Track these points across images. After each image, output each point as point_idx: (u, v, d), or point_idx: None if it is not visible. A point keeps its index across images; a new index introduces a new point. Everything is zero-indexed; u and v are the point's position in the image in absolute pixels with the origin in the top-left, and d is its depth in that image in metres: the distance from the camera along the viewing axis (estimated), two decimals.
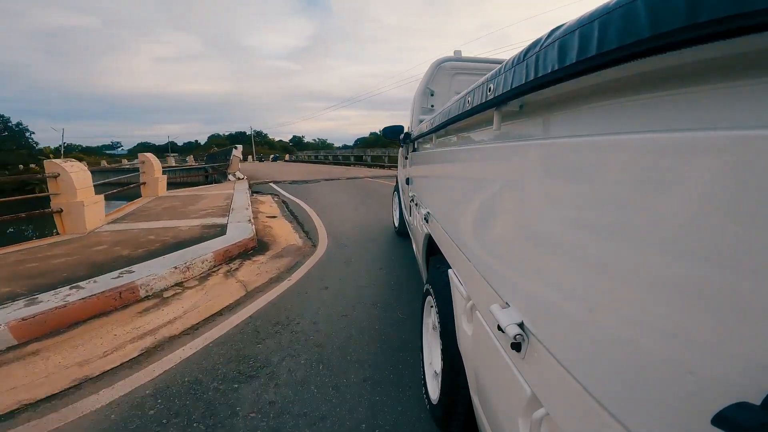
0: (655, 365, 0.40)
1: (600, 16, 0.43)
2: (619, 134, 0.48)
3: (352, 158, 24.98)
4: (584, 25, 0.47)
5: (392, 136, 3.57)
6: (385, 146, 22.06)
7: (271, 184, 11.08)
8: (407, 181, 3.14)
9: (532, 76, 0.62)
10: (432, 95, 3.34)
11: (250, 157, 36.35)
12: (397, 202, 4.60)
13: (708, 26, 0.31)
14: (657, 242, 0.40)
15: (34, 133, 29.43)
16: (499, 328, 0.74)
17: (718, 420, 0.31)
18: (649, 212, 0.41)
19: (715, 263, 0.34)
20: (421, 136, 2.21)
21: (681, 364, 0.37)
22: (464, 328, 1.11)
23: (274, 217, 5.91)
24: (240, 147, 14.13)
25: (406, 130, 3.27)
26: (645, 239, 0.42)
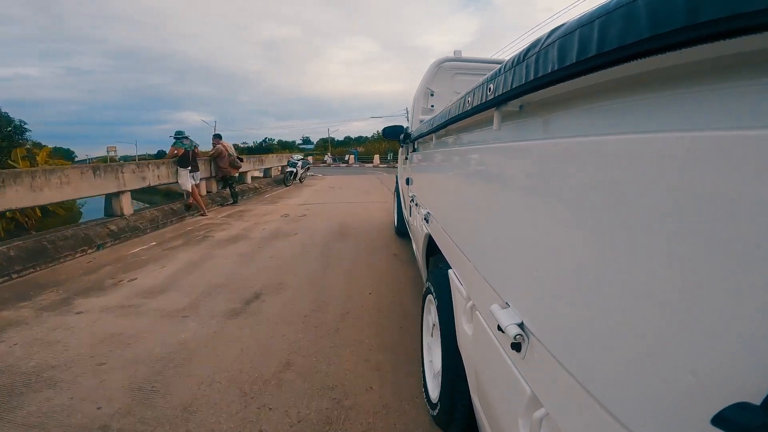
0: (655, 365, 0.40)
1: (600, 16, 0.43)
2: (619, 134, 0.48)
3: None
4: (584, 26, 0.47)
5: (392, 136, 3.57)
6: None
7: None
8: (407, 181, 3.14)
9: (532, 76, 0.62)
10: (432, 95, 3.34)
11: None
12: (396, 202, 4.61)
13: (708, 26, 0.31)
14: (657, 242, 0.40)
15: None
16: (499, 328, 0.74)
17: (718, 420, 0.31)
18: (648, 212, 0.41)
19: (715, 263, 0.34)
20: (421, 136, 2.20)
21: (681, 364, 0.37)
22: (464, 328, 1.11)
23: None
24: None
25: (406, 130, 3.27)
26: (645, 239, 0.41)
